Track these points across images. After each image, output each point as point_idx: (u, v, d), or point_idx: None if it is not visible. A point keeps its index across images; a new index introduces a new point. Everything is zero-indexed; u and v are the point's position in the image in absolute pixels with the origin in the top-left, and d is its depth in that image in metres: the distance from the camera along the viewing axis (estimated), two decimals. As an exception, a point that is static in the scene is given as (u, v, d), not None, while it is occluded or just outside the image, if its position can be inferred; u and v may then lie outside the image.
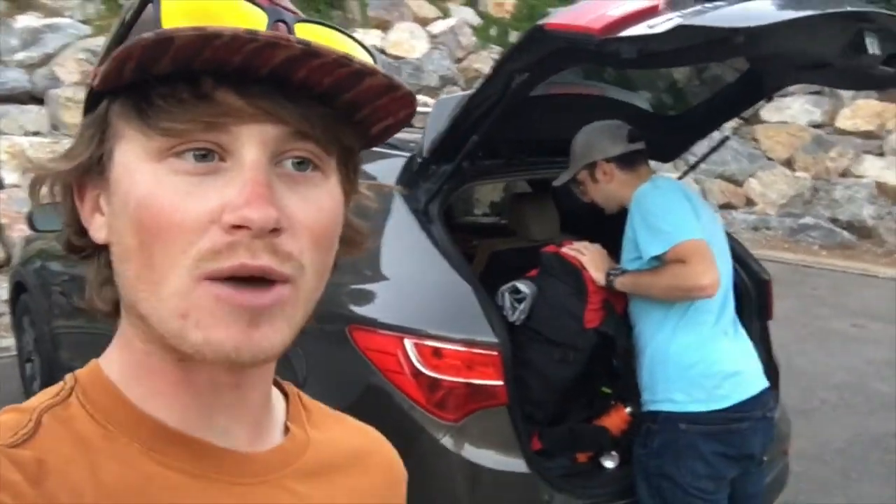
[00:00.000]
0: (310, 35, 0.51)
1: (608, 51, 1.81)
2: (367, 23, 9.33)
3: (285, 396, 0.66)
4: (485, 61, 9.46)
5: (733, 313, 2.34)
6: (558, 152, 2.51)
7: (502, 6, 10.30)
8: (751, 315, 2.70)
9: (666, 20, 1.72)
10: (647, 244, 2.15)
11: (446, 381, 2.04)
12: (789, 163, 10.26)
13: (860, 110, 10.20)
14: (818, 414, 4.46)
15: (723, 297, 2.23)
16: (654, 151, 2.98)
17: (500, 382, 2.06)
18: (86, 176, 0.55)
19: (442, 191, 2.32)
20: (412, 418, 2.06)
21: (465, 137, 2.18)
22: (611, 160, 2.32)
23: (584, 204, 2.53)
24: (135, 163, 0.51)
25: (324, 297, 0.56)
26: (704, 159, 3.12)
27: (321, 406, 0.70)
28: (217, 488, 0.55)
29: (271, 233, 0.49)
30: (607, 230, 2.45)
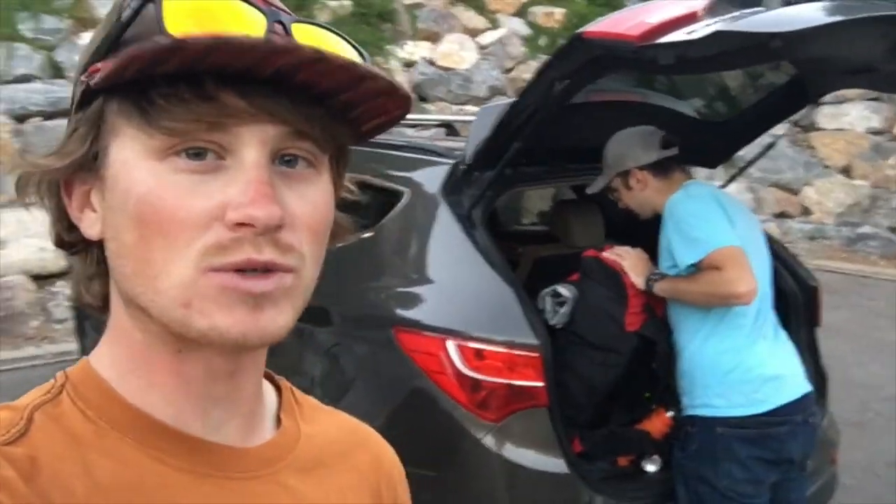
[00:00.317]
0: (305, 36, 0.53)
1: (646, 57, 1.84)
2: (416, 35, 9.43)
3: (278, 390, 0.67)
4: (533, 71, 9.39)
5: (773, 317, 2.33)
6: (601, 159, 2.54)
7: (551, 16, 10.28)
8: (798, 322, 2.68)
9: (704, 26, 1.74)
10: (681, 253, 2.15)
11: (488, 381, 2.08)
12: (847, 171, 10.01)
13: (921, 116, 9.94)
14: (872, 426, 4.37)
15: (760, 301, 2.21)
16: (700, 157, 2.98)
17: (540, 384, 2.08)
18: (75, 173, 0.55)
19: (485, 197, 2.37)
20: (454, 418, 2.10)
21: (507, 144, 2.22)
22: (644, 168, 2.33)
23: (622, 209, 2.55)
24: (134, 160, 0.52)
25: (370, 300, 0.60)
26: (751, 165, 3.10)
27: (313, 401, 0.70)
28: (210, 484, 0.56)
29: (274, 229, 0.51)
30: (650, 234, 2.47)
